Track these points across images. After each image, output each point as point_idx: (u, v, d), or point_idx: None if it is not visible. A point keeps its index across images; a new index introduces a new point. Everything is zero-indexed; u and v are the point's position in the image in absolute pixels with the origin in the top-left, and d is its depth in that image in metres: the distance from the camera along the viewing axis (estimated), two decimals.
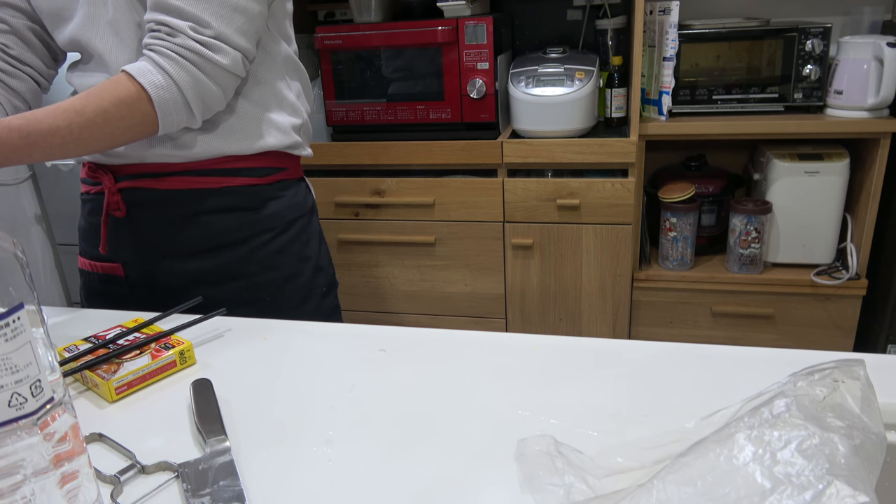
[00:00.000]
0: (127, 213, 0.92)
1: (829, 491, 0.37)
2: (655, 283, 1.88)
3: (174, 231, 0.92)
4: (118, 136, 0.79)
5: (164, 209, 0.92)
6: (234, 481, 0.53)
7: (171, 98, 0.80)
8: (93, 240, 0.97)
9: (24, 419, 0.42)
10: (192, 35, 0.79)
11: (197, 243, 0.93)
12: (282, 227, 0.98)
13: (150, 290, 0.95)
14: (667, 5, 1.72)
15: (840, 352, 0.58)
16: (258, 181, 0.95)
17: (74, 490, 0.46)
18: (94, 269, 0.99)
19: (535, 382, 0.66)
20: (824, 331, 1.83)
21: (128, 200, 0.92)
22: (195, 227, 0.93)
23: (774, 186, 1.79)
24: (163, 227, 0.92)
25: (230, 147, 0.91)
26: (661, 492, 0.40)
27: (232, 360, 0.74)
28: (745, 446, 0.41)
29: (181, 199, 0.91)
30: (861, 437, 0.41)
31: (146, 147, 0.88)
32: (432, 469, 0.55)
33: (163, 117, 0.81)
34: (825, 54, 1.72)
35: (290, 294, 1.00)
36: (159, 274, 0.94)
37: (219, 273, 0.95)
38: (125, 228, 0.93)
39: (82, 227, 1.00)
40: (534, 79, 1.75)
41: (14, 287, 0.42)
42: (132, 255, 0.94)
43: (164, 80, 0.79)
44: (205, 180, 0.91)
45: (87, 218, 0.98)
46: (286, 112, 0.95)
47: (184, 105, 0.81)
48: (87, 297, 1.02)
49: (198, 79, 0.80)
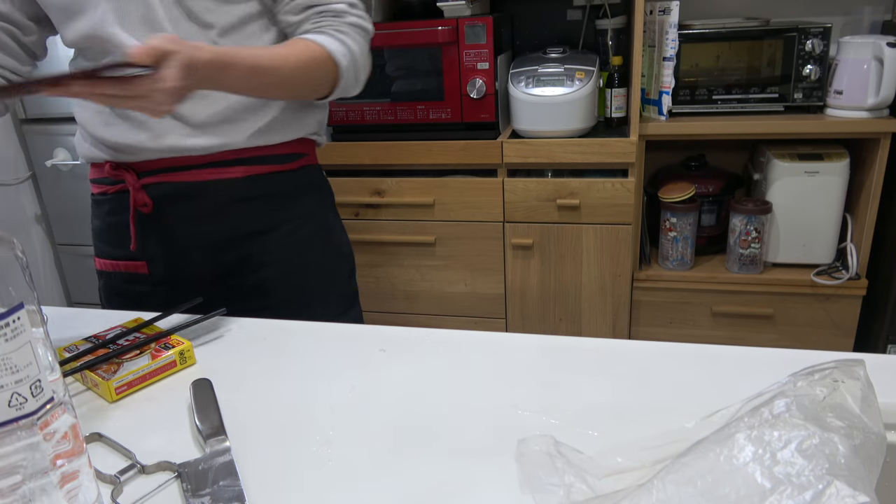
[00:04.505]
0: (153, 209, 0.91)
1: (829, 491, 0.37)
2: (655, 283, 1.88)
3: (202, 223, 0.92)
4: (306, 91, 0.89)
5: (191, 202, 0.91)
6: (234, 481, 0.53)
7: (351, 66, 0.89)
8: (112, 239, 0.96)
9: (24, 419, 0.42)
10: (353, 13, 0.90)
11: (226, 234, 0.93)
12: (309, 214, 0.98)
13: (175, 285, 0.94)
14: (667, 5, 1.72)
15: (840, 352, 0.58)
16: (283, 168, 0.94)
17: (74, 490, 0.46)
18: (115, 268, 0.97)
19: (535, 382, 0.66)
20: (824, 331, 1.83)
21: (153, 196, 0.90)
22: (224, 218, 0.92)
23: (774, 186, 1.79)
24: (190, 220, 0.92)
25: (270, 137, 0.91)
26: (661, 492, 0.40)
27: (232, 360, 0.74)
28: (745, 446, 0.41)
29: (208, 190, 0.91)
30: (861, 437, 0.41)
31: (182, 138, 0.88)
32: (432, 469, 0.55)
33: (343, 83, 0.90)
34: (825, 54, 1.72)
35: (316, 280, 1.00)
36: (186, 268, 0.93)
37: (247, 263, 0.94)
38: (151, 224, 0.92)
39: (99, 228, 0.98)
40: (534, 79, 1.75)
41: (14, 287, 0.42)
42: (158, 251, 0.93)
43: (346, 50, 0.88)
44: (231, 170, 0.91)
45: (105, 218, 0.96)
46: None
47: (355, 74, 0.91)
48: (108, 297, 1.01)
49: (365, 51, 0.92)
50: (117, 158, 0.91)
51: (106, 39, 0.84)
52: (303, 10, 0.89)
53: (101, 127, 0.89)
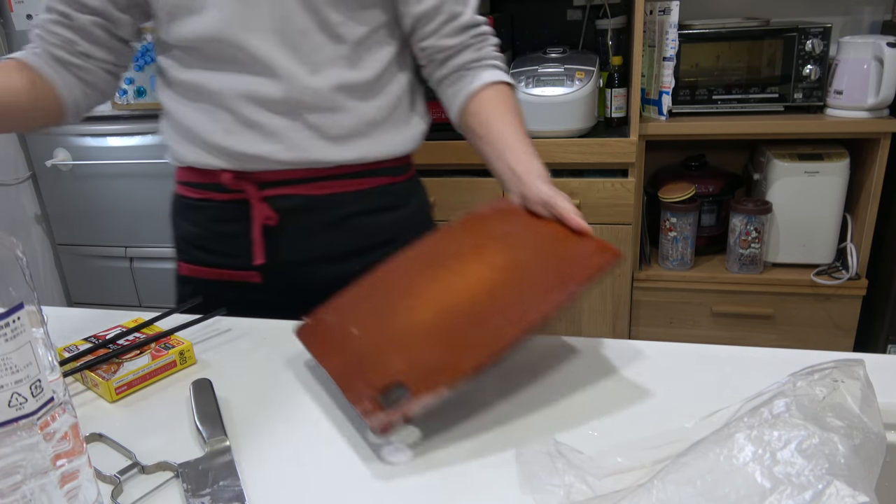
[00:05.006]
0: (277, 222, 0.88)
1: (829, 491, 0.37)
2: (655, 283, 1.88)
3: (322, 236, 0.89)
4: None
5: (311, 215, 0.88)
6: (234, 481, 0.53)
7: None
8: (216, 247, 0.92)
9: (24, 419, 0.42)
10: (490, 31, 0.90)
11: (345, 247, 0.91)
12: (422, 224, 0.96)
13: (292, 295, 0.91)
14: (667, 5, 1.72)
15: (840, 352, 0.58)
16: (396, 180, 0.93)
17: (74, 490, 0.46)
18: (219, 276, 0.93)
19: (535, 382, 0.66)
20: (824, 331, 1.83)
21: (276, 208, 0.87)
22: (344, 231, 0.90)
23: (774, 186, 1.79)
24: (311, 232, 0.89)
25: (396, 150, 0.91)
26: (661, 492, 0.40)
27: (232, 360, 0.74)
28: (745, 446, 0.41)
29: (330, 203, 0.89)
30: (861, 436, 0.41)
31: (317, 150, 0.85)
32: (432, 469, 0.55)
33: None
34: (825, 54, 1.72)
35: None
36: (305, 278, 0.91)
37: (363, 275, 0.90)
38: (270, 235, 0.88)
39: (195, 234, 0.93)
40: (534, 79, 1.75)
41: (14, 287, 0.42)
42: (276, 262, 0.89)
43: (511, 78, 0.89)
44: (349, 183, 0.89)
45: (207, 225, 0.92)
46: (420, 106, 0.95)
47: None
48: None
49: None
50: (235, 167, 0.86)
51: (230, 43, 0.80)
52: (460, 31, 0.86)
53: (222, 135, 0.84)
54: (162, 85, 0.89)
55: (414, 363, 0.60)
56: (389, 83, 0.88)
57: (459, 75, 0.88)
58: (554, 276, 0.64)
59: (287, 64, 0.81)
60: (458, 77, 0.88)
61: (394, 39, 0.88)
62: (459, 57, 0.87)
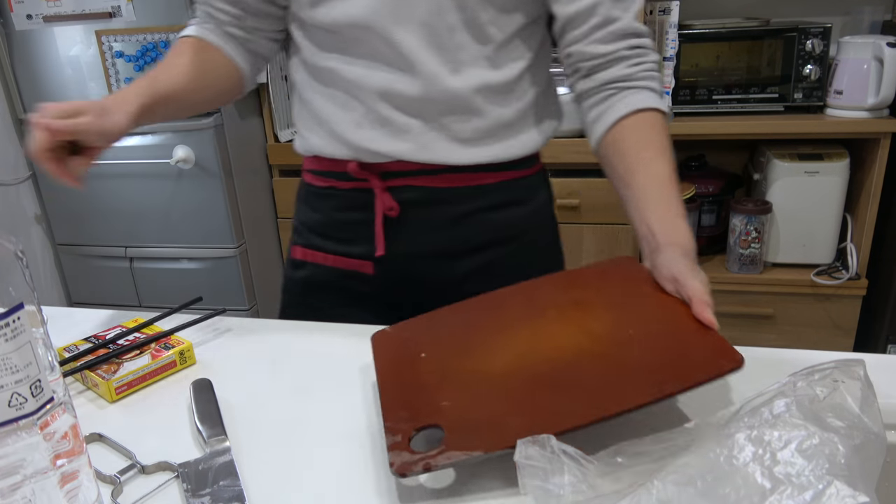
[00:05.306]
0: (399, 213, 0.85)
1: (829, 491, 0.37)
2: None
3: (444, 230, 0.85)
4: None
5: (434, 207, 0.85)
6: (234, 481, 0.53)
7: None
8: (337, 235, 0.89)
9: (24, 419, 0.42)
10: (651, 45, 0.78)
11: (466, 242, 0.86)
12: (544, 221, 0.93)
13: (402, 288, 0.88)
14: (667, 5, 1.72)
15: (840, 352, 0.58)
16: (527, 173, 0.88)
17: (74, 490, 0.46)
18: (335, 264, 0.90)
19: None
20: (824, 331, 1.83)
21: (398, 199, 0.84)
22: (470, 226, 0.86)
23: (774, 186, 1.79)
24: (432, 225, 0.85)
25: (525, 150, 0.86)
26: (661, 492, 0.40)
27: (232, 360, 0.74)
28: (745, 446, 0.41)
29: (458, 196, 0.84)
30: (861, 437, 0.41)
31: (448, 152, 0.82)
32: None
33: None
34: (825, 54, 1.72)
35: None
36: (417, 273, 0.87)
37: (482, 273, 0.87)
38: (389, 227, 0.85)
39: (318, 220, 0.91)
40: None
41: (14, 287, 0.42)
42: (392, 254, 0.86)
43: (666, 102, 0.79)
44: (474, 177, 0.84)
45: (331, 213, 0.89)
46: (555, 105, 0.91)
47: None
48: (309, 289, 0.93)
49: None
50: (362, 159, 0.83)
51: (376, 33, 0.76)
52: (615, 39, 0.76)
53: (352, 127, 0.82)
54: (297, 64, 0.87)
55: (463, 413, 0.55)
56: (527, 85, 0.83)
57: (605, 94, 0.77)
58: (654, 368, 0.55)
59: (429, 61, 0.77)
60: (603, 96, 0.78)
61: (535, 41, 0.83)
62: (609, 70, 0.77)
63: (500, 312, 0.68)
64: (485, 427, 0.53)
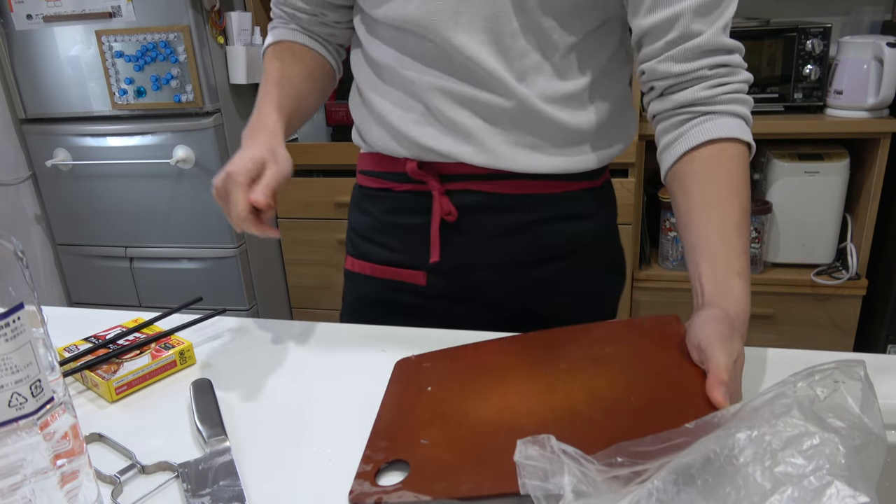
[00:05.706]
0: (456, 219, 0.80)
1: (829, 491, 0.37)
2: (655, 283, 1.88)
3: (502, 239, 0.81)
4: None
5: (497, 215, 0.80)
6: (234, 481, 0.53)
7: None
8: (388, 241, 0.86)
9: (24, 419, 0.42)
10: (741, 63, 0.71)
11: (525, 255, 0.82)
12: (607, 238, 0.89)
13: (455, 302, 0.85)
14: None
15: (840, 352, 0.58)
16: (593, 184, 0.83)
17: (74, 490, 0.46)
18: (384, 275, 0.86)
19: None
20: (824, 331, 1.83)
21: (456, 204, 0.79)
22: (531, 237, 0.81)
23: (774, 186, 1.79)
24: (491, 234, 0.81)
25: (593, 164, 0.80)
26: (662, 492, 0.40)
27: (232, 360, 0.74)
28: (746, 446, 0.41)
29: (520, 204, 0.80)
30: (861, 437, 0.41)
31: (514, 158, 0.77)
32: None
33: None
34: (825, 54, 1.72)
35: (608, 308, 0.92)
36: (471, 285, 0.83)
37: (539, 288, 0.84)
38: (445, 234, 0.81)
39: (369, 225, 0.87)
40: None
41: (14, 287, 0.42)
42: (446, 264, 0.82)
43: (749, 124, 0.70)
44: (538, 185, 0.79)
45: (381, 216, 0.85)
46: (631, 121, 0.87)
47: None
48: (361, 307, 0.90)
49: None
50: (422, 158, 0.79)
51: (436, 34, 0.72)
52: (695, 56, 0.68)
53: (411, 124, 0.78)
54: (358, 58, 0.84)
55: (434, 454, 0.54)
56: (600, 96, 0.78)
57: (680, 118, 0.69)
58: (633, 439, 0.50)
59: (494, 66, 0.73)
60: (678, 121, 0.69)
61: (605, 53, 0.78)
62: (685, 91, 0.69)
63: (514, 358, 0.65)
64: (446, 472, 0.52)
